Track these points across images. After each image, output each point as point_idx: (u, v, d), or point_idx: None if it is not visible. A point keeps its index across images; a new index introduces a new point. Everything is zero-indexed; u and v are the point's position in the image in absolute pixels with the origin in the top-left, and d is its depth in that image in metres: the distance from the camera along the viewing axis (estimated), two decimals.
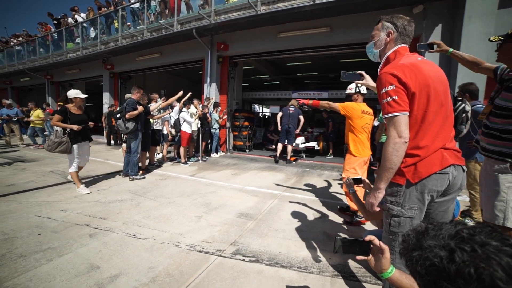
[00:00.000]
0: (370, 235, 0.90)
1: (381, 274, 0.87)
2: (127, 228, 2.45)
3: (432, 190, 1.12)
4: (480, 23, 4.37)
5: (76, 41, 11.17)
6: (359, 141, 2.69)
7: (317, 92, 10.29)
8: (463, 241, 0.42)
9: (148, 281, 1.68)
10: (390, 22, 1.27)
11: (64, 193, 3.47)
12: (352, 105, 2.71)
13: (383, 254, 0.86)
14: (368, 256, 0.90)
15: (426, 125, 1.12)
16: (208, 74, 7.77)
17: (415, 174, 1.12)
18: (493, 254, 0.39)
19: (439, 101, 1.13)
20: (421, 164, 1.12)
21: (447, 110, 1.17)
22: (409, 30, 1.25)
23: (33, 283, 1.61)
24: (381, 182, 1.14)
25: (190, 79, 14.44)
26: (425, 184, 1.11)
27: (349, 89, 2.84)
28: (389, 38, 1.27)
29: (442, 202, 1.20)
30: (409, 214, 1.15)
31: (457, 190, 1.19)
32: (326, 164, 6.50)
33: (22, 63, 13.68)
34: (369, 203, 1.21)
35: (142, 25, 8.82)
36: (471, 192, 2.91)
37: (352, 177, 1.59)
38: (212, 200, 3.40)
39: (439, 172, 1.11)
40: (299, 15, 5.79)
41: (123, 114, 4.13)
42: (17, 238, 2.18)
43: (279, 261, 1.98)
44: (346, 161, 2.76)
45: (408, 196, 1.14)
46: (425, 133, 1.12)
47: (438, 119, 1.13)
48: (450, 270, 0.40)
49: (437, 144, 1.13)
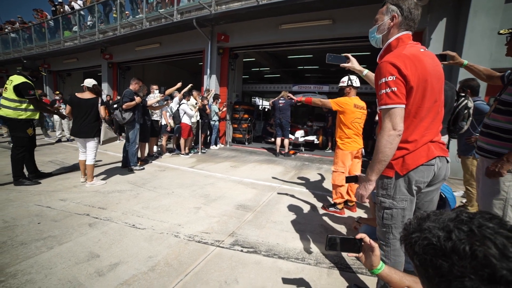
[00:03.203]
0: (361, 233, 0.94)
1: (372, 271, 0.92)
2: (126, 218, 2.48)
3: (419, 181, 1.14)
4: (486, 18, 4.30)
5: (74, 30, 10.95)
6: (345, 136, 2.75)
7: (318, 86, 10.21)
8: (462, 222, 0.43)
9: (147, 269, 1.71)
10: (395, 5, 1.19)
11: (64, 183, 3.48)
12: (345, 100, 2.72)
13: (373, 251, 0.90)
14: (359, 253, 0.94)
15: (418, 120, 1.12)
16: (208, 65, 7.68)
17: (403, 166, 1.14)
18: (489, 234, 0.40)
19: (434, 97, 1.13)
20: (409, 156, 1.14)
21: (439, 106, 1.17)
22: (415, 14, 1.18)
23: (35, 270, 1.64)
24: (373, 174, 1.14)
25: (190, 70, 14.28)
26: (412, 175, 1.13)
27: (341, 82, 2.83)
28: (393, 22, 1.20)
29: (428, 192, 1.23)
30: (400, 206, 1.17)
31: (442, 180, 1.22)
32: (325, 158, 6.52)
33: (18, 51, 13.43)
34: (359, 194, 1.20)
35: (141, 14, 8.64)
36: (468, 188, 2.94)
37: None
38: (211, 191, 3.42)
39: (426, 164, 1.13)
40: (301, 7, 5.68)
41: (120, 105, 4.12)
42: (17, 226, 2.19)
43: (277, 252, 2.01)
44: (335, 155, 2.86)
45: (398, 188, 1.16)
46: (415, 128, 1.13)
47: (430, 115, 1.14)
48: (446, 248, 0.41)
49: (425, 139, 1.14)
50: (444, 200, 1.78)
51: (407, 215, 1.18)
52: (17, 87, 3.19)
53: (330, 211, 2.90)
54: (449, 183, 2.61)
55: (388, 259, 1.22)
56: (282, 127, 6.25)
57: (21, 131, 3.32)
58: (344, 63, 1.61)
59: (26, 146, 3.40)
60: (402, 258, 1.24)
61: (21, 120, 3.29)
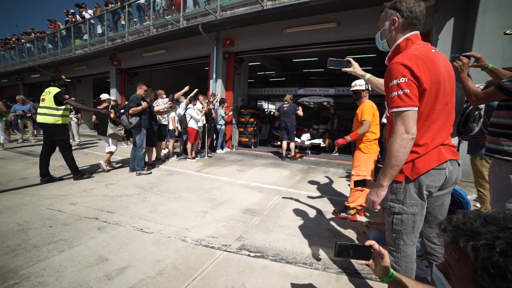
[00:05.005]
0: (371, 241, 0.91)
1: (382, 279, 0.88)
2: (134, 222, 2.50)
3: (430, 186, 1.11)
4: (497, 16, 4.21)
5: (84, 38, 11.32)
6: (369, 139, 2.68)
7: (324, 89, 10.17)
8: None
9: (155, 274, 1.72)
10: (393, 8, 1.17)
11: (73, 187, 3.56)
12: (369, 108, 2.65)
13: (383, 259, 0.87)
14: (369, 260, 0.90)
15: (429, 123, 1.09)
16: (214, 70, 7.77)
17: (413, 171, 1.11)
18: None
19: (446, 99, 1.10)
20: (419, 160, 1.10)
21: (450, 108, 1.14)
22: (416, 12, 1.13)
23: (47, 272, 1.67)
24: (385, 179, 1.09)
25: (196, 75, 14.47)
26: (423, 180, 1.10)
27: (358, 85, 2.74)
28: (395, 26, 1.17)
29: (439, 197, 1.19)
30: (410, 211, 1.14)
31: (453, 184, 1.19)
32: (331, 161, 6.45)
33: (33, 60, 13.97)
34: (371, 201, 1.13)
35: (148, 21, 8.86)
36: (479, 190, 2.83)
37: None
38: (218, 195, 3.43)
39: (437, 168, 1.10)
40: (306, 10, 5.70)
41: (126, 110, 4.23)
42: (30, 229, 2.25)
43: (284, 257, 1.99)
44: (355, 158, 2.74)
45: (408, 193, 1.13)
46: (426, 131, 1.10)
47: (441, 118, 1.11)
48: None
49: (436, 142, 1.11)
50: (459, 205, 1.72)
51: (417, 220, 1.15)
52: (56, 96, 3.75)
53: (341, 216, 2.81)
54: (461, 186, 2.53)
55: (399, 266, 1.18)
56: (287, 130, 6.23)
57: (62, 134, 3.88)
58: (346, 68, 1.57)
59: (70, 147, 3.98)
60: (413, 264, 1.20)
61: (60, 125, 3.83)
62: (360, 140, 2.71)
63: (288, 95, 6.37)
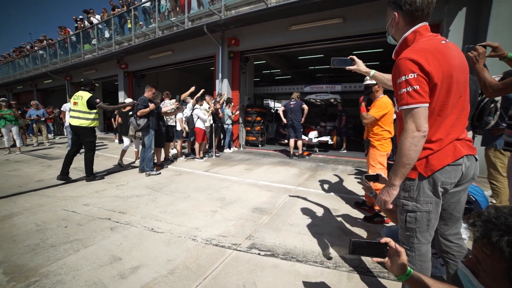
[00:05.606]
0: (386, 238, 0.89)
1: (399, 277, 0.85)
2: (145, 222, 2.55)
3: (446, 183, 1.07)
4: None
5: (92, 43, 11.60)
6: (383, 137, 2.59)
7: (330, 86, 10.04)
8: None
9: (167, 273, 1.74)
10: (392, 3, 1.14)
11: (86, 188, 3.66)
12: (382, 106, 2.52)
13: (399, 256, 0.84)
14: (385, 258, 0.88)
15: (442, 118, 1.05)
16: (220, 70, 7.80)
17: (427, 167, 1.07)
18: None
19: (459, 93, 1.05)
20: (433, 156, 1.06)
21: (464, 101, 1.09)
22: (418, 2, 1.06)
23: (64, 271, 1.73)
24: (396, 178, 1.06)
25: (202, 75, 14.58)
26: (438, 176, 1.06)
27: (369, 80, 2.65)
28: (396, 20, 1.14)
29: (455, 193, 1.15)
30: (425, 209, 1.10)
31: (470, 180, 1.14)
32: (340, 159, 6.37)
33: (45, 66, 14.44)
34: (383, 201, 1.12)
35: (154, 24, 8.97)
36: (492, 182, 2.73)
37: (368, 173, 1.54)
38: (227, 195, 3.45)
39: (452, 164, 1.06)
40: (311, 7, 5.63)
41: (134, 112, 4.32)
42: (47, 230, 2.33)
43: (295, 256, 1.98)
44: (370, 157, 2.66)
45: (422, 190, 1.09)
46: (439, 127, 1.06)
47: (455, 112, 1.06)
48: None
49: (451, 137, 1.07)
50: (475, 204, 1.66)
51: (432, 218, 1.12)
52: (89, 101, 3.98)
53: (377, 222, 2.58)
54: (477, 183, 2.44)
55: (414, 265, 1.15)
56: (294, 128, 6.20)
57: (91, 136, 4.12)
58: (350, 66, 1.54)
59: (95, 149, 4.20)
60: (428, 263, 1.17)
61: (92, 127, 4.10)
62: (375, 137, 2.62)
63: (296, 93, 6.33)
